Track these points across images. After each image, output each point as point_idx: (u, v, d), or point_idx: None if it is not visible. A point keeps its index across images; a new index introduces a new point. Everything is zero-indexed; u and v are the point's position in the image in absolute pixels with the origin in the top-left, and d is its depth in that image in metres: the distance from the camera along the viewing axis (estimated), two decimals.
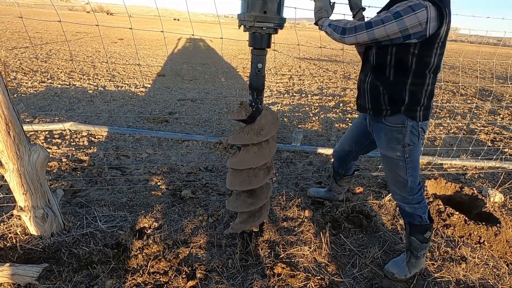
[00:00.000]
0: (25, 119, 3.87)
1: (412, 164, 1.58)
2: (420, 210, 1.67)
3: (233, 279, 1.69)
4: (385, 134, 1.60)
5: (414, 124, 1.52)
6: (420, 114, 1.51)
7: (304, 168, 3.19)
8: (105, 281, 1.60)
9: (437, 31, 1.33)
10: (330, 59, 13.44)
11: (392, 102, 1.51)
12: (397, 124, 1.54)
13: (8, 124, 1.52)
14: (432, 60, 1.41)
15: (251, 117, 1.55)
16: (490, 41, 40.98)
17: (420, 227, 1.69)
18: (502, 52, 26.07)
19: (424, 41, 1.35)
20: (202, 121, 4.47)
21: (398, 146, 1.56)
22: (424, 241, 1.71)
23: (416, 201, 1.65)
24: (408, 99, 1.47)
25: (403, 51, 1.40)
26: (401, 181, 1.63)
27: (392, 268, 1.78)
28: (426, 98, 1.49)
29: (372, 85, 1.56)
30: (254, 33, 1.42)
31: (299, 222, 2.18)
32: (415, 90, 1.46)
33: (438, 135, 4.58)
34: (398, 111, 1.50)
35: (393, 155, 1.59)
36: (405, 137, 1.53)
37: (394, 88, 1.49)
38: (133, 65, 8.36)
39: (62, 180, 2.58)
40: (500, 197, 2.63)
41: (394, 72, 1.47)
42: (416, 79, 1.45)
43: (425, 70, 1.43)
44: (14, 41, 10.48)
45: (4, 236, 1.80)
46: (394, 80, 1.48)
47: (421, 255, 1.76)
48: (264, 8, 1.34)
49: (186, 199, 2.39)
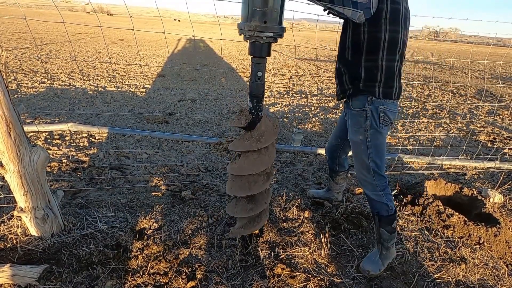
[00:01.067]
0: (25, 120, 3.88)
1: (374, 148, 1.67)
2: (385, 198, 1.74)
3: (233, 279, 1.69)
4: (351, 119, 1.73)
5: (373, 108, 1.62)
6: (380, 90, 1.60)
7: (304, 169, 3.19)
8: (105, 282, 1.60)
9: (378, 6, 1.48)
10: (330, 60, 13.45)
11: (351, 80, 1.66)
12: (359, 108, 1.66)
13: (9, 125, 1.53)
14: (382, 36, 1.52)
15: (251, 124, 1.57)
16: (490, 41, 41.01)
17: (388, 217, 1.75)
18: (502, 52, 26.08)
19: (371, 18, 1.49)
20: (202, 122, 4.47)
21: (360, 129, 1.67)
22: (392, 231, 1.77)
23: (380, 188, 1.72)
24: (364, 75, 1.61)
25: (356, 32, 1.56)
26: (364, 166, 1.72)
27: (367, 266, 1.81)
28: (383, 74, 1.59)
29: (338, 69, 1.74)
30: (254, 42, 1.44)
31: (299, 223, 2.18)
32: (370, 66, 1.59)
33: (437, 135, 4.59)
34: (358, 88, 1.63)
35: (356, 138, 1.70)
36: (366, 120, 1.64)
37: (352, 67, 1.65)
38: (133, 65, 8.37)
39: (62, 180, 2.58)
40: (499, 197, 2.64)
41: (351, 53, 1.64)
42: (369, 55, 1.58)
43: (377, 46, 1.55)
44: (15, 41, 10.49)
45: (5, 237, 1.81)
46: (352, 59, 1.64)
47: (391, 245, 1.81)
48: (264, 18, 1.36)
49: (186, 199, 2.39)
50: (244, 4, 1.40)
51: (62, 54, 9.00)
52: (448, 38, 55.24)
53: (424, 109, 6.13)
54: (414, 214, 2.40)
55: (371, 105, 1.62)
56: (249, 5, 1.36)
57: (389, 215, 1.75)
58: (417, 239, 2.14)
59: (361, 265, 1.84)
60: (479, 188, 2.93)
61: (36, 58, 7.89)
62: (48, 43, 11.05)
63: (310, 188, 2.69)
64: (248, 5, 1.36)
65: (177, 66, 8.90)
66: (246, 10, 1.38)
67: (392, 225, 1.76)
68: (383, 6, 1.48)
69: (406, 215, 2.38)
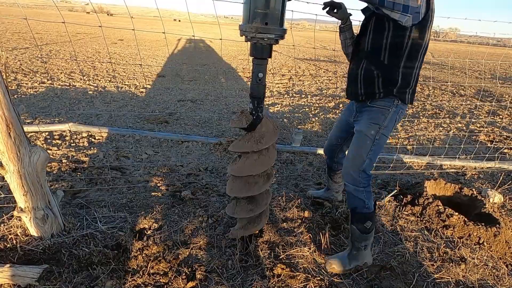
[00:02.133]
0: (25, 120, 3.88)
1: (376, 147, 1.67)
2: (364, 195, 1.72)
3: (233, 280, 1.69)
4: (369, 113, 1.69)
5: (396, 110, 1.63)
6: (409, 96, 1.62)
7: (304, 169, 3.19)
8: (105, 282, 1.60)
9: (426, 13, 1.45)
10: (330, 60, 13.45)
11: (385, 85, 1.60)
12: (383, 106, 1.63)
13: (9, 125, 1.53)
14: (423, 43, 1.52)
15: (251, 125, 1.57)
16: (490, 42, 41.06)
17: (361, 215, 1.73)
18: (502, 52, 26.09)
19: (418, 24, 1.46)
20: (202, 122, 4.47)
21: (375, 125, 1.65)
22: (364, 231, 1.73)
23: (363, 184, 1.72)
24: (400, 81, 1.58)
25: (399, 34, 1.50)
26: (359, 160, 1.70)
27: (333, 260, 1.80)
28: (414, 81, 1.61)
29: (367, 71, 1.64)
30: (255, 43, 1.45)
31: (299, 223, 2.18)
32: (407, 72, 1.57)
33: (437, 135, 4.59)
34: (391, 93, 1.60)
35: (367, 132, 1.67)
36: (386, 119, 1.64)
37: (388, 70, 1.58)
38: (133, 65, 8.37)
39: (62, 181, 2.58)
40: (499, 197, 2.64)
41: (389, 56, 1.56)
42: (408, 62, 1.55)
43: (417, 53, 1.54)
44: (14, 42, 10.49)
45: (5, 237, 1.81)
46: (389, 63, 1.57)
47: (362, 246, 1.76)
48: (265, 19, 1.37)
49: (186, 200, 2.39)
50: (245, 6, 1.40)
51: (62, 54, 9.00)
52: (448, 38, 55.27)
53: (424, 109, 6.13)
54: (414, 214, 2.40)
55: (395, 107, 1.63)
56: (251, 6, 1.36)
57: (363, 212, 1.73)
58: (417, 239, 2.14)
59: (327, 257, 1.84)
60: (479, 188, 2.93)
61: (36, 58, 7.89)
62: (48, 43, 11.05)
63: (310, 188, 2.69)
64: (249, 6, 1.37)
65: (177, 66, 8.90)
66: (247, 11, 1.39)
67: (364, 224, 1.73)
68: (429, 14, 1.47)
69: (406, 215, 2.38)
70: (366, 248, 1.78)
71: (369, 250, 1.81)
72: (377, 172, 3.12)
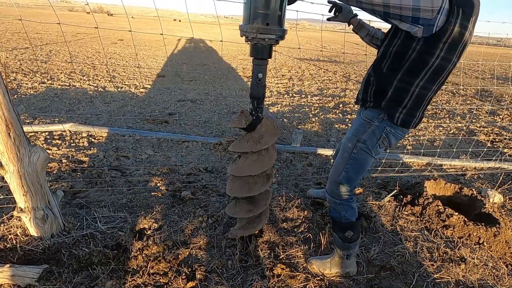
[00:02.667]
0: (25, 120, 3.87)
1: (353, 161, 1.56)
2: (341, 207, 1.65)
3: (233, 280, 1.69)
4: (355, 124, 1.61)
5: (379, 126, 1.48)
6: (399, 116, 1.42)
7: (303, 169, 3.19)
8: (105, 282, 1.60)
9: (443, 26, 1.23)
10: (330, 60, 13.45)
11: (376, 94, 1.48)
12: (366, 118, 1.53)
13: (9, 125, 1.53)
14: (431, 60, 1.30)
15: (251, 126, 1.57)
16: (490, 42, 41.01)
17: (341, 224, 1.68)
18: (502, 52, 26.11)
19: (430, 37, 1.26)
20: (202, 122, 4.47)
21: (354, 138, 1.56)
22: (346, 240, 1.67)
23: (339, 198, 1.64)
24: (390, 94, 1.42)
25: (405, 44, 1.34)
26: (337, 171, 1.63)
27: (315, 259, 1.81)
28: (410, 101, 1.40)
29: (368, 76, 1.54)
30: (255, 44, 1.45)
31: (299, 223, 2.18)
32: (400, 87, 1.39)
33: (437, 135, 4.59)
34: (379, 105, 1.46)
35: (347, 143, 1.59)
36: (365, 133, 1.52)
37: (382, 81, 1.45)
38: (133, 65, 8.37)
39: (62, 181, 2.58)
40: (499, 198, 2.64)
41: (389, 65, 1.43)
42: (405, 76, 1.37)
43: (420, 69, 1.34)
44: (14, 42, 10.49)
45: (4, 237, 1.81)
46: (386, 72, 1.44)
47: (345, 255, 1.71)
48: (266, 20, 1.37)
49: (186, 200, 2.39)
50: (246, 6, 1.40)
51: (62, 55, 9.00)
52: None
53: None
54: (414, 214, 2.40)
55: (379, 122, 1.48)
56: (251, 7, 1.36)
57: (343, 222, 1.67)
58: (416, 239, 2.14)
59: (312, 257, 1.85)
60: (479, 188, 2.93)
61: (36, 59, 7.89)
62: (48, 43, 11.05)
63: (310, 188, 2.69)
64: (250, 7, 1.37)
65: (177, 66, 8.90)
66: (248, 12, 1.39)
67: (345, 233, 1.67)
68: (448, 27, 1.23)
69: (406, 215, 2.38)
70: (349, 258, 1.73)
71: (353, 260, 1.77)
72: (377, 172, 3.12)
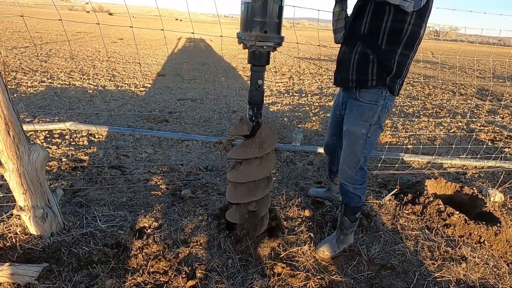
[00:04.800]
0: (25, 119, 3.87)
1: (369, 144, 1.65)
2: (360, 191, 1.78)
3: (233, 278, 1.69)
4: (357, 110, 1.63)
5: (384, 104, 1.57)
6: (398, 87, 1.57)
7: (304, 168, 3.18)
8: (105, 280, 1.60)
9: (427, 2, 1.39)
10: (330, 59, 13.43)
11: (379, 71, 1.52)
12: (371, 101, 1.57)
13: (8, 123, 1.52)
14: (421, 32, 1.46)
15: (253, 132, 1.60)
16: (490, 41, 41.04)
17: (355, 208, 1.81)
18: (503, 51, 26.07)
19: (418, 11, 1.38)
20: (202, 121, 4.47)
21: (365, 123, 1.60)
22: (355, 220, 1.86)
23: (359, 182, 1.75)
24: (394, 70, 1.50)
25: (400, 19, 1.41)
26: (354, 159, 1.68)
27: (324, 247, 1.89)
28: (405, 72, 1.55)
29: (362, 55, 1.54)
30: (254, 51, 1.47)
31: (299, 222, 2.17)
32: (402, 61, 1.50)
33: (438, 134, 4.58)
34: (384, 81, 1.52)
35: (358, 131, 1.63)
36: (375, 115, 1.58)
37: (385, 57, 1.49)
38: (133, 64, 8.36)
39: (62, 179, 2.58)
40: (500, 196, 2.63)
41: (387, 41, 1.47)
42: (405, 50, 1.48)
43: (415, 41, 1.47)
44: (14, 40, 10.47)
45: (4, 236, 1.80)
46: (386, 48, 1.48)
47: (350, 232, 1.90)
48: (264, 28, 1.40)
49: (186, 198, 2.39)
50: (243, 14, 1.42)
51: (62, 53, 8.99)
52: (449, 37, 55.24)
53: (425, 108, 6.12)
54: (415, 213, 2.40)
55: (383, 100, 1.56)
56: (249, 15, 1.39)
57: (358, 206, 1.81)
58: (417, 238, 2.14)
59: (318, 245, 1.92)
60: (480, 187, 2.93)
61: (36, 57, 7.88)
62: (48, 42, 11.04)
63: (310, 187, 2.68)
64: (247, 15, 1.39)
65: (177, 65, 8.89)
66: (245, 20, 1.42)
67: (355, 215, 1.83)
68: (429, 4, 1.41)
69: (407, 214, 2.38)
70: (352, 232, 1.91)
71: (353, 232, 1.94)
72: (378, 171, 3.11)
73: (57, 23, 17.21)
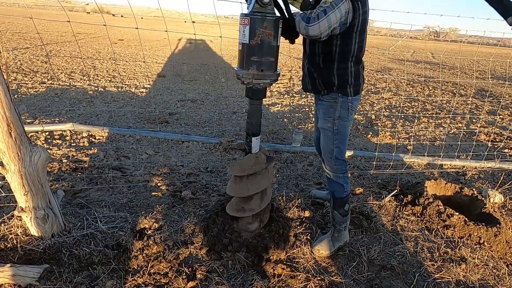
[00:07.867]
0: (26, 120, 3.88)
1: (339, 136, 1.81)
2: (342, 180, 1.89)
3: (233, 279, 1.69)
4: (322, 109, 1.82)
5: (345, 100, 1.74)
6: (351, 90, 1.73)
7: (304, 169, 3.19)
8: (106, 282, 1.60)
9: (352, 21, 1.54)
10: None
11: (325, 85, 1.74)
12: (330, 100, 1.76)
13: (10, 125, 1.53)
14: (352, 48, 1.62)
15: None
16: (490, 42, 41.07)
17: (342, 199, 1.90)
18: (502, 52, 26.06)
19: (344, 32, 1.55)
20: (202, 122, 4.47)
21: (329, 118, 1.79)
22: (345, 214, 1.92)
23: (340, 171, 1.88)
24: (337, 81, 1.70)
25: (327, 42, 1.59)
26: (329, 151, 1.87)
27: (319, 245, 1.93)
28: (353, 78, 1.71)
29: (309, 71, 1.80)
30: (251, 87, 1.56)
31: (299, 223, 2.18)
32: (342, 73, 1.68)
33: (438, 135, 4.59)
34: (332, 90, 1.73)
35: (326, 126, 1.82)
36: (336, 111, 1.76)
37: (324, 73, 1.72)
38: (133, 65, 8.37)
39: (63, 180, 2.58)
40: (500, 197, 2.64)
41: (323, 60, 1.69)
42: (341, 64, 1.67)
43: (347, 57, 1.65)
44: (15, 42, 10.49)
45: (5, 237, 1.81)
46: (324, 67, 1.70)
47: (343, 228, 1.95)
48: (261, 66, 1.48)
49: (186, 199, 2.39)
50: (240, 53, 1.50)
51: (63, 54, 9.00)
52: (448, 38, 55.24)
53: (424, 109, 6.13)
54: (415, 214, 2.40)
55: (341, 98, 1.74)
56: (245, 54, 1.46)
57: (342, 197, 1.89)
58: (417, 239, 2.14)
59: (313, 244, 1.97)
60: (479, 188, 2.93)
61: (43, 57, 7.89)
62: (48, 43, 11.05)
63: (310, 188, 2.69)
64: (244, 54, 1.46)
65: (177, 66, 8.90)
66: (242, 58, 1.49)
67: (344, 207, 1.91)
68: (355, 22, 1.55)
69: (407, 215, 2.38)
70: (345, 228, 1.97)
71: (347, 230, 1.99)
72: (378, 171, 3.11)
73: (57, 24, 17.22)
